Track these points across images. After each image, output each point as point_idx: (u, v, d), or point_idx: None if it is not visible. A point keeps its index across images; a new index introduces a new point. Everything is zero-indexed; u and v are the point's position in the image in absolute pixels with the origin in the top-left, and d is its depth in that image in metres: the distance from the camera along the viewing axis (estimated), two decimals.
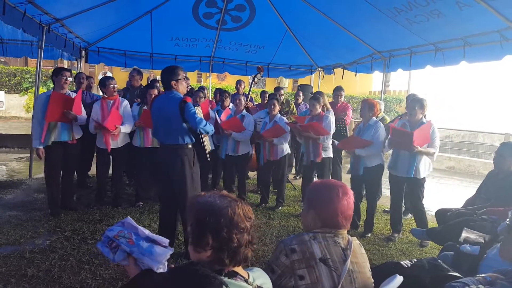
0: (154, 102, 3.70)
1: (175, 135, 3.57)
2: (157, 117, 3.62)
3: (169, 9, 6.63)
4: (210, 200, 1.29)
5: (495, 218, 3.15)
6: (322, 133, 5.09)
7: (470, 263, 2.36)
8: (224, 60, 8.83)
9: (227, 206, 1.27)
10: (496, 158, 3.85)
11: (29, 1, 4.56)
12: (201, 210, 1.28)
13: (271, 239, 4.42)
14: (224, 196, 1.31)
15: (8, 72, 14.24)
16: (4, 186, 5.74)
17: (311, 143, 5.24)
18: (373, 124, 4.67)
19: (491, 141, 12.98)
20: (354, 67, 7.96)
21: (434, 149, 4.35)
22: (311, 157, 5.25)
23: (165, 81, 3.60)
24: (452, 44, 5.14)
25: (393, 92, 18.53)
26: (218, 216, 1.24)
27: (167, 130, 3.59)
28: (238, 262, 1.28)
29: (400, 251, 4.37)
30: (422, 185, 4.55)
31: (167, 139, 3.61)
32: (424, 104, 4.38)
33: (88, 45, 7.72)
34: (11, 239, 3.89)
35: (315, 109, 5.23)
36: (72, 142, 4.63)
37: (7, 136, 9.46)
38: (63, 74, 4.47)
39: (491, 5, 3.87)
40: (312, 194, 1.81)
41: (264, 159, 5.51)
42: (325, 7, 5.96)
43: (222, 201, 1.28)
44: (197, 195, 1.35)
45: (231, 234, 1.24)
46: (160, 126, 3.64)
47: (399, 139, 4.36)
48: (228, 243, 1.24)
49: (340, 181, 1.95)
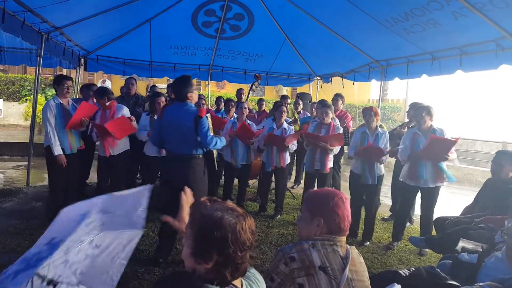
0: (166, 112, 3.68)
1: (189, 146, 3.60)
2: (170, 128, 3.61)
3: (168, 18, 6.68)
4: (218, 214, 1.21)
5: (493, 227, 3.15)
6: (340, 143, 5.11)
7: (468, 272, 2.36)
8: (223, 68, 8.88)
9: (236, 222, 1.20)
10: (493, 167, 3.86)
11: (29, 9, 4.59)
12: (207, 224, 1.19)
13: (270, 247, 4.40)
14: (232, 209, 1.24)
15: (7, 80, 14.25)
16: (2, 195, 5.71)
17: (318, 152, 5.17)
18: (382, 133, 4.68)
19: (489, 150, 13.00)
20: (352, 76, 8.01)
21: (455, 154, 4.34)
22: (317, 166, 5.19)
23: (181, 92, 3.62)
24: (448, 53, 5.19)
25: (391, 100, 18.62)
26: (225, 231, 1.18)
27: (181, 141, 3.60)
28: (237, 277, 1.24)
29: (399, 259, 4.36)
30: (438, 192, 4.51)
31: (180, 149, 3.62)
32: (431, 111, 4.37)
33: (87, 53, 7.75)
34: (8, 248, 3.87)
35: (328, 117, 5.15)
36: (81, 147, 4.73)
37: (5, 144, 9.43)
38: (65, 82, 4.51)
39: (487, 15, 3.91)
40: (317, 203, 1.80)
41: (271, 165, 5.45)
42: (323, 17, 6.02)
43: (230, 215, 1.21)
44: (202, 204, 1.26)
45: (237, 252, 1.19)
46: (173, 137, 3.62)
47: (436, 149, 4.21)
48: (233, 260, 1.19)
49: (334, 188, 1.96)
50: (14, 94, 14.16)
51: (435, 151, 4.24)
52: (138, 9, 6.05)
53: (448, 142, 4.20)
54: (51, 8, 4.77)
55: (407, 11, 4.50)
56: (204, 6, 6.48)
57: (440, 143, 4.23)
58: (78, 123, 4.56)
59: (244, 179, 5.77)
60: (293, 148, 5.46)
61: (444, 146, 4.19)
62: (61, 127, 4.45)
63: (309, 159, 5.28)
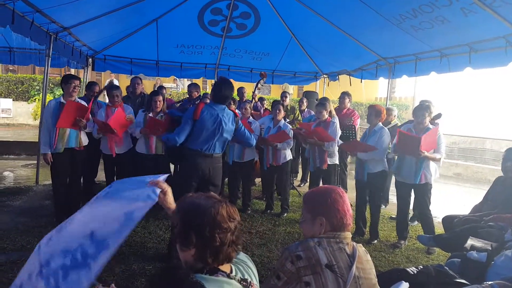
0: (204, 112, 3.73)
1: (221, 146, 3.86)
2: (211, 129, 3.73)
3: (174, 17, 6.69)
4: (195, 200, 1.35)
5: (502, 225, 3.11)
6: (327, 139, 5.09)
7: (477, 270, 2.34)
8: (229, 67, 8.86)
9: (211, 206, 1.30)
10: (504, 164, 3.82)
11: (37, 10, 4.63)
12: (186, 209, 1.33)
13: (277, 245, 4.40)
14: (210, 197, 1.36)
15: (16, 80, 14.41)
16: (12, 193, 5.78)
17: (317, 149, 5.25)
18: (377, 130, 4.67)
19: (498, 148, 12.87)
20: (359, 74, 7.96)
21: (440, 155, 4.34)
22: (317, 163, 5.25)
23: (226, 96, 3.81)
24: (457, 50, 5.13)
25: (399, 98, 18.49)
26: (202, 215, 1.28)
27: (221, 141, 3.83)
28: (221, 261, 1.31)
29: (407, 258, 4.33)
30: (429, 191, 4.52)
31: (214, 149, 3.81)
32: (431, 108, 4.40)
33: (94, 53, 7.80)
34: (18, 245, 3.91)
35: (322, 115, 5.25)
36: (79, 148, 4.67)
37: (14, 143, 9.54)
38: (72, 81, 4.53)
39: (496, 11, 3.86)
40: (315, 202, 1.80)
41: (267, 164, 5.50)
42: (330, 14, 5.99)
43: (207, 202, 1.33)
44: (185, 196, 1.40)
45: (214, 233, 1.27)
46: (210, 137, 3.75)
47: (406, 144, 4.33)
48: (211, 242, 1.27)
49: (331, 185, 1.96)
50: (23, 94, 14.31)
51: (406, 147, 4.32)
52: (145, 8, 6.07)
53: (414, 138, 4.23)
54: (59, 8, 4.79)
55: (415, 8, 4.46)
56: (210, 5, 6.47)
57: (409, 139, 4.30)
58: (70, 122, 4.49)
59: (246, 178, 5.78)
60: (284, 147, 5.43)
61: (413, 142, 4.22)
62: (53, 126, 4.46)
63: (311, 158, 5.40)
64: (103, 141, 5.12)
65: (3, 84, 14.19)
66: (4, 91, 14.16)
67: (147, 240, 4.28)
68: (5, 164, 8.19)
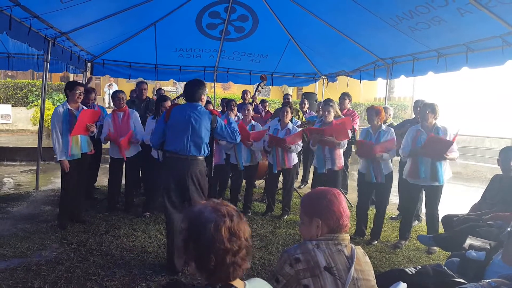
0: (174, 113, 3.69)
1: (197, 147, 3.64)
2: (178, 128, 3.63)
3: (173, 21, 6.71)
4: (202, 210, 1.25)
5: (501, 224, 3.12)
6: (346, 136, 5.06)
7: (476, 269, 2.34)
8: (228, 70, 8.89)
9: (212, 221, 1.20)
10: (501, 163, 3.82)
11: (35, 15, 4.64)
12: (191, 219, 1.25)
13: (277, 247, 4.40)
14: (217, 209, 1.24)
15: (15, 86, 14.42)
16: (11, 199, 5.78)
17: (327, 150, 5.14)
18: (386, 130, 4.67)
19: (498, 146, 12.86)
20: (358, 75, 7.98)
21: (457, 153, 4.39)
22: (329, 165, 5.15)
23: (195, 94, 3.70)
24: (454, 50, 5.14)
25: (397, 98, 18.53)
26: (201, 230, 1.20)
27: (189, 142, 3.61)
28: (218, 280, 1.22)
29: (407, 258, 4.33)
30: (441, 192, 4.53)
31: (188, 150, 3.62)
32: (436, 108, 4.39)
33: (93, 58, 7.82)
34: (18, 251, 3.91)
35: (330, 115, 5.21)
36: (91, 153, 4.79)
37: (14, 149, 9.55)
38: (77, 88, 4.57)
39: (492, 11, 3.87)
40: (312, 205, 1.81)
41: (278, 166, 5.43)
42: (327, 16, 6.01)
43: (211, 215, 1.22)
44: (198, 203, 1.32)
45: (209, 253, 1.18)
46: (180, 138, 3.62)
47: (434, 147, 4.26)
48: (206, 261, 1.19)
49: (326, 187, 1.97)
50: (22, 99, 14.34)
51: (433, 150, 4.28)
52: (143, 12, 6.08)
53: (446, 142, 4.24)
54: (57, 13, 4.80)
55: (412, 9, 4.47)
56: (208, 8, 6.49)
57: (438, 143, 4.27)
58: (83, 129, 4.61)
59: (250, 180, 5.77)
60: (297, 149, 5.43)
61: (442, 146, 4.22)
62: (65, 133, 4.48)
63: (320, 159, 5.22)
64: (112, 146, 5.20)
65: (2, 90, 14.24)
66: (3, 97, 14.19)
67: (147, 244, 4.28)
68: (4, 170, 8.19)
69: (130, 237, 4.46)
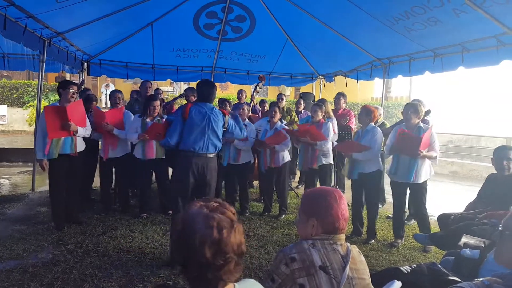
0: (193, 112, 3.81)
1: (213, 145, 3.86)
2: (202, 127, 3.79)
3: (170, 21, 6.70)
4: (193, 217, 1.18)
5: (495, 222, 3.13)
6: (319, 138, 5.14)
7: (470, 267, 2.36)
8: (225, 70, 8.88)
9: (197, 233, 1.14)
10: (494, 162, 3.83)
11: (30, 15, 4.62)
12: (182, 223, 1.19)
13: (275, 247, 4.41)
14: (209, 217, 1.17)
15: (11, 86, 14.35)
16: (7, 200, 5.76)
17: (310, 149, 5.29)
18: (370, 130, 4.71)
19: (493, 145, 12.89)
20: (355, 74, 8.00)
21: (436, 153, 4.40)
22: (309, 163, 5.30)
23: (211, 95, 3.90)
24: (450, 50, 5.18)
25: (394, 98, 18.58)
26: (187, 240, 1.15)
27: (212, 140, 3.84)
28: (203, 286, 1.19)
29: (404, 257, 4.35)
30: (425, 189, 4.55)
31: (206, 148, 3.81)
32: (418, 108, 4.44)
33: (90, 58, 7.80)
34: (14, 253, 3.89)
35: (316, 115, 5.32)
36: (73, 155, 4.53)
37: (10, 150, 9.51)
38: (70, 87, 4.49)
39: (487, 11, 3.90)
40: (310, 204, 1.81)
41: (265, 166, 5.50)
42: (324, 16, 6.02)
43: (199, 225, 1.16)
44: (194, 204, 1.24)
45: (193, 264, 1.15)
46: (205, 136, 3.80)
47: (405, 144, 4.36)
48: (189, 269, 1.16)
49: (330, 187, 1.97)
50: (18, 100, 14.27)
51: (406, 147, 4.34)
52: (139, 12, 6.07)
53: (415, 138, 4.27)
54: (52, 13, 4.79)
55: (407, 10, 4.50)
56: (205, 9, 6.49)
57: (408, 139, 4.32)
58: (59, 129, 4.37)
59: (242, 180, 5.78)
60: (282, 148, 5.43)
61: (412, 142, 4.26)
62: (46, 131, 4.37)
63: (301, 157, 5.50)
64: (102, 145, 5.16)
65: None
66: None
67: (144, 245, 4.27)
68: (0, 171, 8.16)
69: (127, 238, 4.45)
